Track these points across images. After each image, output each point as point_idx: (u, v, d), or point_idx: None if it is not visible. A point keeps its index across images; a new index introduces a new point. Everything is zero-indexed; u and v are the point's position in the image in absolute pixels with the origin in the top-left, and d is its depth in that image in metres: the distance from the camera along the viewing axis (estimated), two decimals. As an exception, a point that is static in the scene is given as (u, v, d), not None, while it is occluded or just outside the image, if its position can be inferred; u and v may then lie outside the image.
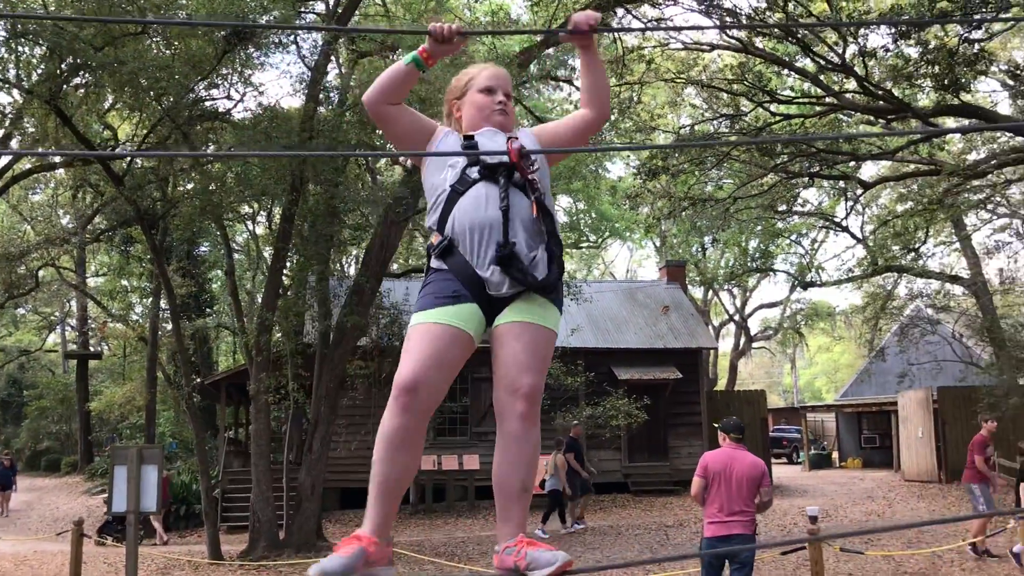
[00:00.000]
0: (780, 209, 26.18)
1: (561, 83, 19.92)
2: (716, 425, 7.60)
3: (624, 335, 23.11)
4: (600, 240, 39.10)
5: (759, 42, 18.76)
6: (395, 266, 23.97)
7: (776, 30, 17.12)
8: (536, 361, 2.52)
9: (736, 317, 39.70)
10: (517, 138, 2.71)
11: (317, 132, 13.75)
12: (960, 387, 23.30)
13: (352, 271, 20.89)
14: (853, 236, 27.95)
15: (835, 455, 34.10)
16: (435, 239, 2.62)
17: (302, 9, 15.63)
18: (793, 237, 33.64)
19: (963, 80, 16.35)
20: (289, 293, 16.19)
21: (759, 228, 30.71)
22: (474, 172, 2.62)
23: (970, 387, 22.57)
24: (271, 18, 12.45)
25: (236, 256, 22.99)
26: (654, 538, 14.43)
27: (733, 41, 18.38)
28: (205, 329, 25.85)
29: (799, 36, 17.13)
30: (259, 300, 19.27)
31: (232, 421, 24.86)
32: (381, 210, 15.32)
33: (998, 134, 20.82)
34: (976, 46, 16.08)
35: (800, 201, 27.81)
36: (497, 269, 2.51)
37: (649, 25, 17.24)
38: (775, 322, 40.93)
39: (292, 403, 15.97)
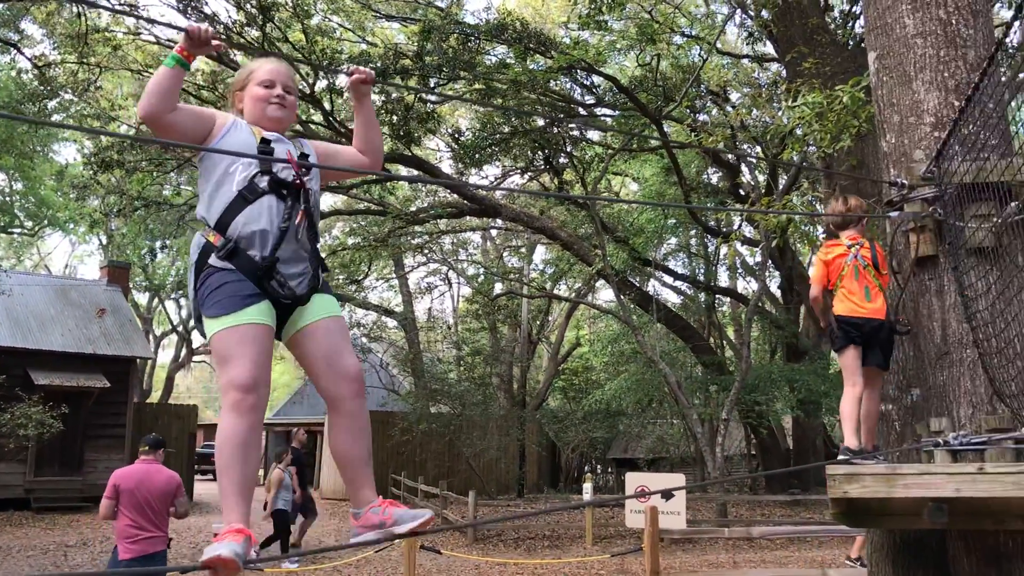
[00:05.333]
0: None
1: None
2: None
3: (49, 336, 20.93)
4: (37, 228, 35.12)
5: (236, 55, 18.64)
6: None
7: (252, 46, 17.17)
8: (348, 344, 2.79)
9: (180, 328, 38.48)
10: (308, 154, 2.89)
11: None
12: (381, 411, 25.29)
13: None
14: (303, 261, 28.89)
15: (262, 472, 34.62)
16: (215, 239, 2.64)
17: None
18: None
19: (415, 134, 18.06)
20: None
21: (213, 240, 30.29)
22: (263, 182, 2.69)
23: (389, 412, 24.64)
24: None
25: None
26: (50, 560, 13.15)
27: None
28: None
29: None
30: None
31: None
32: None
33: (439, 188, 23.25)
34: (429, 106, 17.88)
35: (258, 220, 28.05)
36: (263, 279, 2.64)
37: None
38: (215, 337, 40.49)
39: None
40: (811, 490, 19.51)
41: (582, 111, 19.80)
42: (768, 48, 18.57)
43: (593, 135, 21.38)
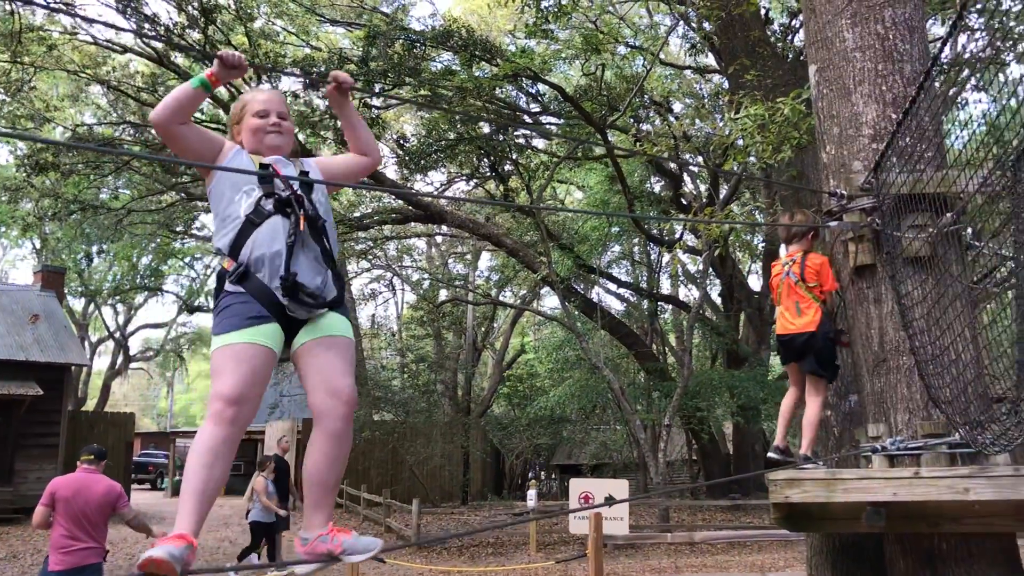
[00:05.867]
0: (177, 229, 25.73)
1: None
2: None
3: (-21, 342, 20.30)
4: (-34, 231, 34.09)
5: (177, 57, 18.34)
6: None
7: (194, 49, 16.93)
8: (350, 367, 2.79)
9: (117, 334, 37.61)
10: (308, 171, 2.97)
11: None
12: (324, 420, 25.00)
13: None
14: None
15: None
16: (228, 264, 2.72)
17: None
18: (187, 260, 33.20)
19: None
20: None
21: (153, 245, 29.73)
22: (269, 204, 2.77)
23: (333, 420, 24.34)
24: None
25: None
26: (-21, 574, 12.75)
27: (149, 50, 17.72)
28: None
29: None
30: None
31: None
32: None
33: (383, 194, 23.12)
34: (373, 111, 17.78)
35: (198, 224, 27.67)
36: (288, 297, 2.69)
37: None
38: (157, 343, 39.71)
39: None
40: (751, 495, 19.80)
41: (527, 119, 19.86)
42: (710, 60, 18.86)
43: (539, 143, 21.46)
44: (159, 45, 17.35)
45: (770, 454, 4.77)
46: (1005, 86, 3.07)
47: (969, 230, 4.32)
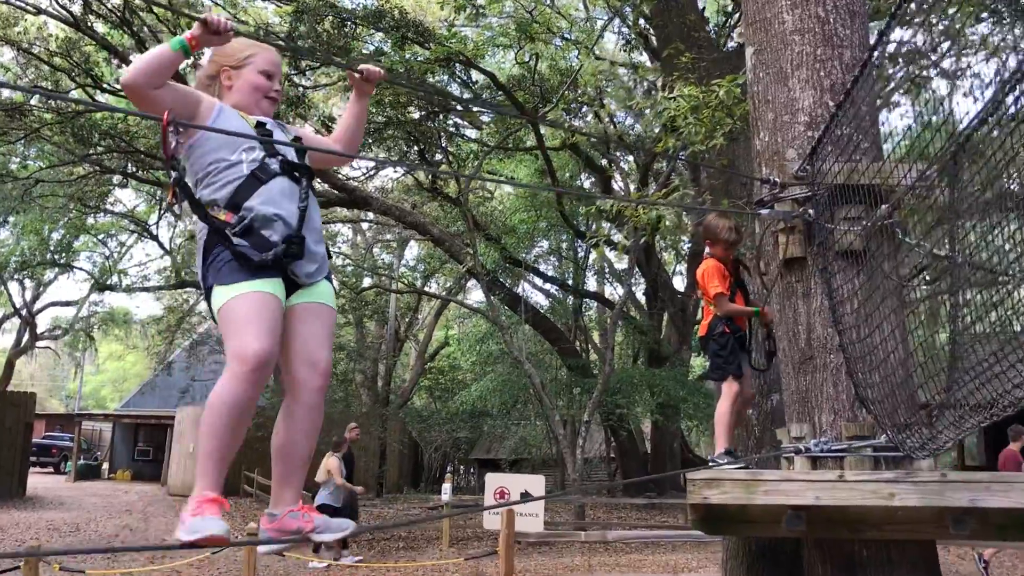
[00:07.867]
0: (90, 203, 24.71)
1: None
2: None
3: None
4: None
5: (97, 24, 17.51)
6: None
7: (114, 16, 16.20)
8: (330, 338, 2.75)
9: (23, 311, 36.00)
10: (299, 138, 2.86)
11: None
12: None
13: None
14: (161, 246, 27.60)
15: (106, 466, 32.94)
16: (227, 217, 2.56)
17: None
18: (101, 236, 31.92)
19: (285, 119, 17.36)
20: None
21: (65, 219, 28.49)
22: (274, 164, 2.66)
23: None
24: None
25: None
26: None
27: (65, 13, 16.88)
28: None
29: (136, 31, 16.55)
30: None
31: None
32: None
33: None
34: (300, 90, 17.22)
35: (112, 200, 26.66)
36: (302, 259, 2.60)
37: None
38: (67, 322, 38.18)
39: None
40: (667, 494, 19.85)
41: (459, 107, 19.52)
42: (644, 58, 18.82)
43: (470, 132, 21.14)
44: (76, 9, 16.55)
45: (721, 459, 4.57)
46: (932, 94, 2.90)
47: (899, 230, 4.17)
